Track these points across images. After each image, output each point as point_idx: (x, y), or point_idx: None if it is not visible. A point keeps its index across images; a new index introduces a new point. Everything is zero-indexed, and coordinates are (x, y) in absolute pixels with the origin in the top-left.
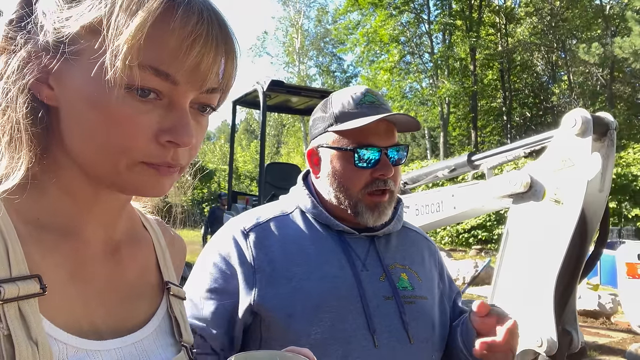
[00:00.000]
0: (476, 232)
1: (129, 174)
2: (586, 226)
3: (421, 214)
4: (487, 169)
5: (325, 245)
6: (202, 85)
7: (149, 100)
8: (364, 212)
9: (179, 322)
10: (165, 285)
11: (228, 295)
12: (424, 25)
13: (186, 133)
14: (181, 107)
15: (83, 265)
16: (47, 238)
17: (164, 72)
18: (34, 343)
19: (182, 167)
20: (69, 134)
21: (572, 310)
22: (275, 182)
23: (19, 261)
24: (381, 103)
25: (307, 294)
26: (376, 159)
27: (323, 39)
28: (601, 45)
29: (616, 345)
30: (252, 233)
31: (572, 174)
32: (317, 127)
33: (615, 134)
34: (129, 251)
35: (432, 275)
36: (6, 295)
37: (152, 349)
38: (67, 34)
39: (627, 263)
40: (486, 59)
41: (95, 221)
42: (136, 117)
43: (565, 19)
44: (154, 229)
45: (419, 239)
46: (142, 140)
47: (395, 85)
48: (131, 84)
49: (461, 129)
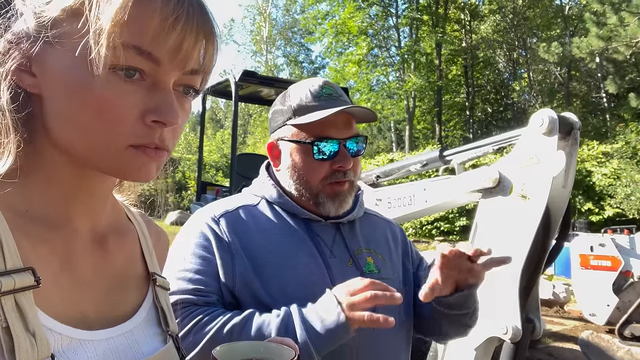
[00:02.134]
0: (439, 224)
1: (117, 158)
2: (550, 220)
3: (393, 207)
4: (457, 164)
5: (294, 234)
6: (185, 65)
7: (133, 81)
8: (325, 202)
9: (165, 312)
10: (151, 277)
11: (209, 278)
12: (391, 19)
13: (171, 112)
14: (165, 87)
15: (72, 256)
16: (36, 230)
17: (146, 51)
18: (31, 334)
19: (168, 150)
20: (54, 120)
21: (535, 299)
22: (245, 172)
23: (13, 254)
24: (339, 95)
25: (282, 282)
26: (335, 151)
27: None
28: (560, 45)
29: (569, 333)
30: (222, 219)
31: (538, 170)
32: (276, 120)
33: (578, 133)
34: (115, 242)
35: (397, 255)
36: (3, 288)
37: (141, 339)
38: (48, 18)
39: (580, 254)
40: (451, 54)
41: (81, 211)
42: (121, 98)
43: (527, 18)
44: (138, 221)
45: (380, 222)
46: (128, 121)
47: (363, 77)
48: (115, 64)
49: (426, 122)
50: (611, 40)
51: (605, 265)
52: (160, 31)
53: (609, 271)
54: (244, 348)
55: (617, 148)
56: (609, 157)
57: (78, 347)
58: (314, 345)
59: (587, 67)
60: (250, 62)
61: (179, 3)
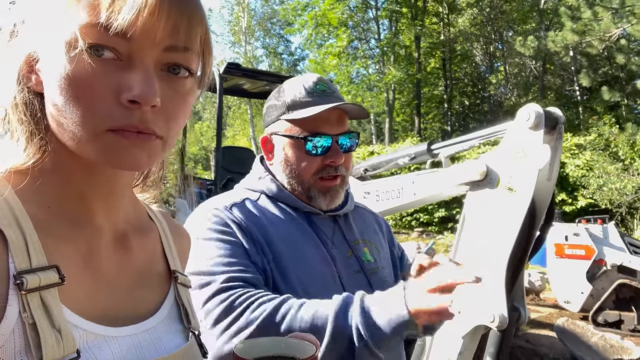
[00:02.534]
0: (418, 215)
1: (97, 143)
2: (535, 212)
3: (382, 200)
4: (444, 158)
5: (298, 226)
6: (155, 37)
7: (106, 60)
8: (317, 197)
9: (186, 309)
10: (173, 274)
11: (246, 259)
12: (371, 11)
13: (147, 90)
14: (141, 64)
15: (95, 254)
16: (60, 228)
17: (102, 23)
18: (57, 330)
19: (158, 136)
20: (49, 114)
21: (521, 288)
22: (229, 166)
23: (37, 252)
24: (332, 91)
25: (297, 272)
26: (327, 147)
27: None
28: (536, 39)
29: (545, 320)
30: (235, 208)
31: (524, 164)
32: (270, 115)
33: (562, 127)
34: (137, 240)
35: (384, 244)
36: (29, 286)
37: (164, 335)
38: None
39: (555, 244)
40: (430, 47)
41: (101, 208)
42: (94, 78)
43: (504, 12)
44: (159, 219)
45: (367, 214)
46: (103, 103)
47: (343, 70)
48: (78, 45)
49: (405, 115)
50: (585, 35)
51: (580, 254)
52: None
53: (583, 260)
54: (265, 344)
55: (590, 140)
56: (582, 149)
57: (103, 343)
58: (371, 337)
59: (561, 61)
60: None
61: None
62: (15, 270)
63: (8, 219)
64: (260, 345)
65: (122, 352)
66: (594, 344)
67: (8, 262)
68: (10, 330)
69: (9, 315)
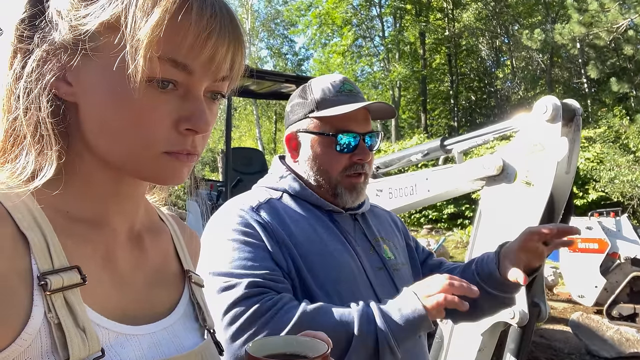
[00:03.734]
0: (427, 212)
1: (151, 164)
2: (554, 206)
3: (394, 197)
4: (457, 153)
5: (322, 224)
6: (216, 74)
7: (167, 91)
8: (344, 194)
9: (201, 308)
10: (187, 274)
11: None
12: (375, 9)
13: (203, 120)
14: (197, 96)
15: (112, 255)
16: (78, 230)
17: (182, 63)
18: (82, 330)
19: (198, 155)
20: (90, 128)
21: (540, 284)
22: (238, 167)
23: (59, 253)
24: (357, 92)
25: (326, 270)
26: (355, 145)
27: (274, 20)
28: (542, 32)
29: (559, 315)
30: (261, 209)
31: (542, 157)
32: (296, 113)
33: (580, 119)
34: (150, 241)
35: (402, 241)
36: (53, 287)
37: (181, 334)
38: (85, 31)
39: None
40: (435, 43)
41: (118, 213)
42: (157, 108)
43: (509, 5)
44: (170, 221)
45: (383, 213)
46: (163, 130)
47: (348, 68)
48: (152, 77)
49: (411, 112)
50: (592, 26)
51: (593, 247)
52: (194, 44)
53: (597, 253)
54: (277, 342)
55: (600, 133)
56: (592, 141)
57: (124, 342)
58: (393, 335)
59: (568, 53)
60: None
61: (212, 17)
62: (39, 271)
63: (29, 222)
64: (272, 344)
65: (143, 350)
66: (609, 338)
67: (31, 264)
68: (36, 330)
69: (35, 315)
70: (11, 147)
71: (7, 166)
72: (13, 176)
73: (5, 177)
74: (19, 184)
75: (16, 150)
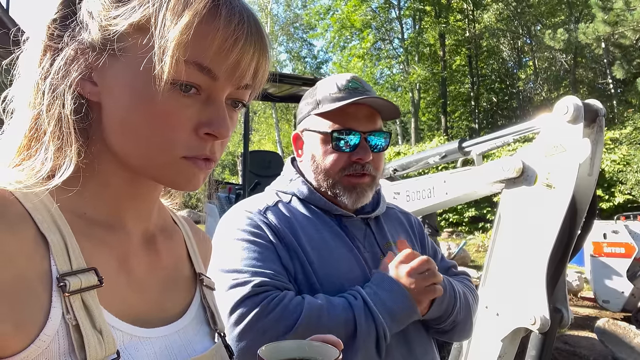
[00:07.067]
0: (447, 216)
1: (170, 168)
2: (576, 209)
3: (412, 200)
4: (476, 155)
5: (331, 230)
6: (240, 81)
7: (190, 95)
8: (342, 194)
9: (212, 311)
10: (198, 277)
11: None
12: (394, 11)
13: (224, 125)
14: (219, 101)
15: (128, 257)
16: (95, 231)
17: (207, 68)
18: (98, 332)
19: (216, 161)
20: (112, 128)
21: (562, 289)
22: (257, 170)
23: (77, 255)
24: (365, 90)
25: (332, 277)
26: (355, 143)
27: (293, 24)
28: (566, 32)
29: (584, 321)
30: (269, 212)
31: (564, 159)
32: (302, 112)
33: (603, 120)
34: (163, 244)
35: (416, 245)
36: (71, 288)
37: (193, 337)
38: (114, 31)
39: (593, 242)
40: (455, 44)
41: (133, 215)
42: (179, 111)
43: (531, 5)
44: (183, 224)
45: (399, 215)
46: (183, 133)
47: (367, 71)
48: (177, 79)
49: (431, 114)
50: (618, 25)
51: (619, 252)
52: (221, 50)
53: (623, 258)
54: (289, 347)
55: (626, 134)
56: (618, 143)
57: (139, 344)
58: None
59: (593, 53)
60: None
61: (239, 24)
62: (58, 272)
63: (48, 223)
64: (284, 348)
65: (156, 353)
66: (636, 345)
67: (50, 265)
68: (54, 331)
69: (54, 316)
70: (32, 143)
71: (25, 164)
72: (31, 173)
73: (24, 175)
74: (37, 183)
75: (36, 145)
